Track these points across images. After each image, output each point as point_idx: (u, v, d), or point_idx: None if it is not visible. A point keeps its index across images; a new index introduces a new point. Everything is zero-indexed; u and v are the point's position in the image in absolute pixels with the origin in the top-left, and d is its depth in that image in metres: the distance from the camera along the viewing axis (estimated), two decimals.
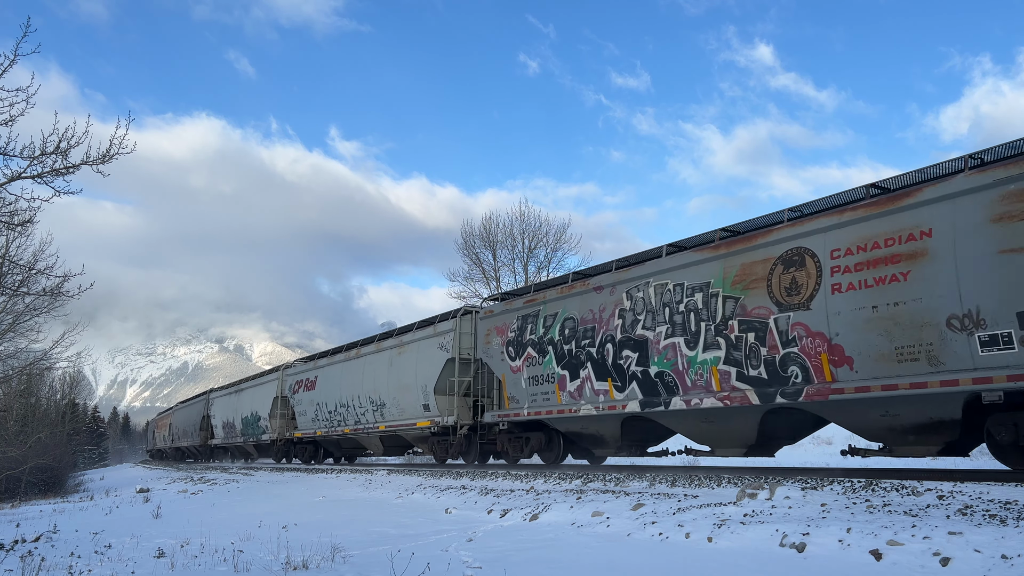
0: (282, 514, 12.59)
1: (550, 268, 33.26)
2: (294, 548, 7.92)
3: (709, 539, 7.05)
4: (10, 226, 10.84)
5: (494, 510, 10.47)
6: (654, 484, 10.91)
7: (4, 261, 12.99)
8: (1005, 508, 6.61)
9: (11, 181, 8.62)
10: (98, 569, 7.70)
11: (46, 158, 8.42)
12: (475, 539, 8.32)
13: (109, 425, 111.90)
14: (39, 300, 15.74)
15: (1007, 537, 5.60)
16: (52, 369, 31.25)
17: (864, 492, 8.11)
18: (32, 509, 20.29)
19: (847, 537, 6.24)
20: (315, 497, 15.51)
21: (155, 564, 7.80)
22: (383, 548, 7.88)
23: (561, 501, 10.10)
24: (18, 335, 20.51)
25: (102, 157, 8.69)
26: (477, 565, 6.70)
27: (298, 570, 6.90)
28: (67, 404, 45.25)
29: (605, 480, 11.99)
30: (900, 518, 6.65)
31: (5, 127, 8.17)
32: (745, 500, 8.65)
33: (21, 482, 29.21)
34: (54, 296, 13.05)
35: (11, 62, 7.92)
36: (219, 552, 8.16)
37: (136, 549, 9.11)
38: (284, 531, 10.13)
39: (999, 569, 5.16)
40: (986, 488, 7.56)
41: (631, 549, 7.16)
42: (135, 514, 15.84)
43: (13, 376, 23.93)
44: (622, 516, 8.63)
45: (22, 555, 8.57)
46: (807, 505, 7.95)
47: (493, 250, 33.91)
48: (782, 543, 6.51)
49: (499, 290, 32.66)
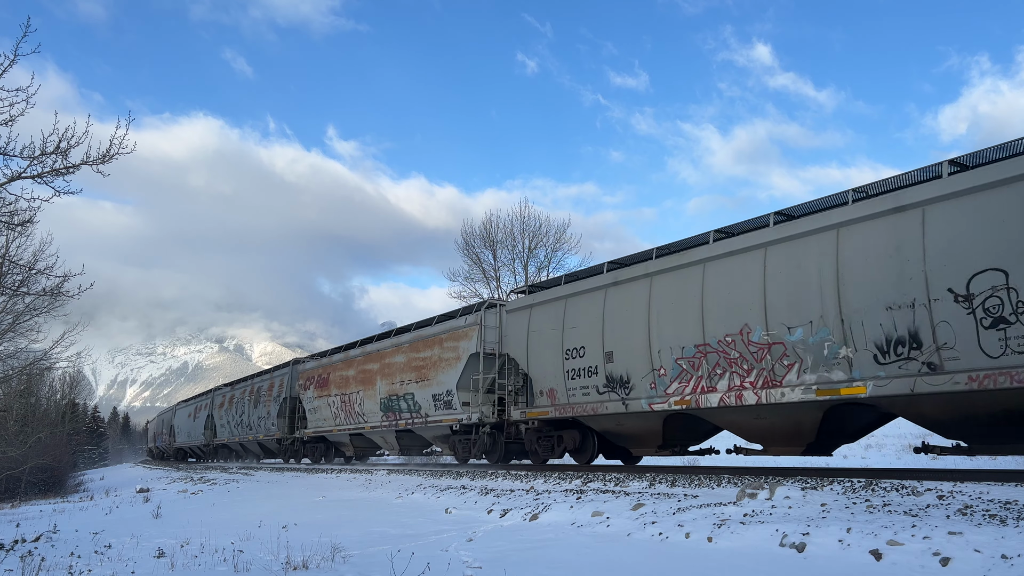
0: (282, 514, 12.59)
1: (550, 268, 33.29)
2: (294, 548, 7.92)
3: (709, 539, 7.05)
4: (10, 226, 10.83)
5: (494, 510, 10.47)
6: (654, 484, 10.91)
7: (4, 261, 12.98)
8: (1005, 508, 6.61)
9: (11, 181, 8.61)
10: (98, 569, 7.70)
11: (46, 158, 8.41)
12: (475, 539, 8.32)
13: (109, 425, 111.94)
14: (39, 300, 15.73)
15: (1007, 537, 5.60)
16: (52, 369, 31.22)
17: (864, 492, 8.11)
18: (32, 509, 20.31)
19: (847, 537, 6.24)
20: (315, 497, 15.51)
21: (155, 564, 7.80)
22: (383, 548, 7.88)
23: (561, 501, 10.10)
24: (18, 335, 20.48)
25: (102, 157, 8.68)
26: (477, 565, 6.70)
27: (298, 570, 6.91)
28: (67, 404, 45.18)
29: (605, 480, 11.99)
30: (900, 518, 6.65)
31: (5, 127, 8.16)
32: (745, 500, 8.65)
33: (21, 482, 29.23)
34: (54, 296, 13.03)
35: (11, 62, 7.92)
36: (219, 552, 8.16)
37: (136, 549, 9.11)
38: (284, 531, 10.13)
39: (999, 569, 5.16)
40: (986, 488, 7.56)
41: (631, 549, 7.16)
42: (135, 514, 15.84)
43: (13, 376, 23.91)
44: (622, 516, 8.63)
45: (22, 555, 8.57)
46: (807, 505, 7.95)
47: (493, 250, 33.94)
48: (782, 543, 6.51)
49: (499, 290, 32.63)
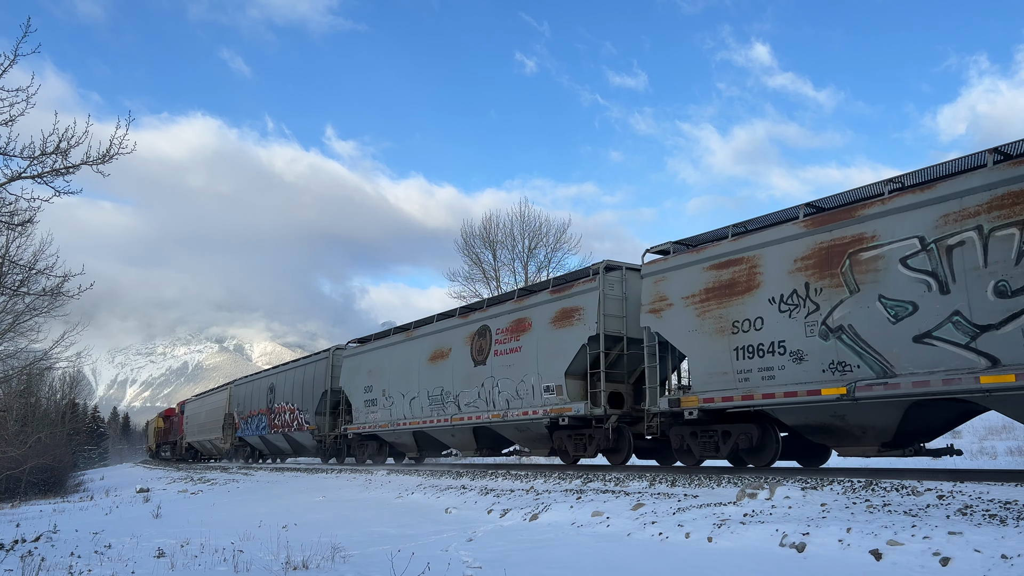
0: (282, 514, 12.59)
1: (550, 268, 33.31)
2: (294, 548, 7.91)
3: (709, 539, 7.05)
4: (10, 226, 10.83)
5: (494, 510, 10.47)
6: (654, 484, 10.91)
7: (4, 261, 12.98)
8: (1005, 508, 6.61)
9: (11, 181, 8.62)
10: (98, 569, 7.70)
11: (46, 158, 8.42)
12: (475, 539, 8.32)
13: (109, 425, 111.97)
14: (39, 300, 15.74)
15: (1007, 537, 5.60)
16: (52, 369, 31.26)
17: (864, 492, 8.10)
18: (32, 509, 20.29)
19: (847, 537, 6.24)
20: (315, 497, 15.51)
21: (155, 564, 7.79)
22: (383, 548, 7.88)
23: (561, 501, 10.10)
24: (18, 335, 20.51)
25: (102, 157, 8.69)
26: (477, 565, 6.70)
27: (298, 570, 6.90)
28: (67, 404, 45.22)
29: (605, 480, 11.99)
30: (900, 518, 6.65)
31: (5, 127, 8.17)
32: (745, 500, 8.65)
33: (21, 482, 29.21)
34: (54, 296, 13.05)
35: (11, 62, 7.92)
36: (219, 552, 8.16)
37: (136, 549, 9.10)
38: (284, 531, 10.13)
39: (999, 569, 5.16)
40: (986, 488, 7.56)
41: (631, 549, 7.16)
42: (135, 514, 15.84)
43: (13, 376, 23.93)
44: (622, 516, 8.63)
45: (22, 555, 8.56)
46: (807, 505, 7.95)
47: (493, 250, 33.97)
48: (782, 543, 6.51)
49: (499, 290, 32.55)
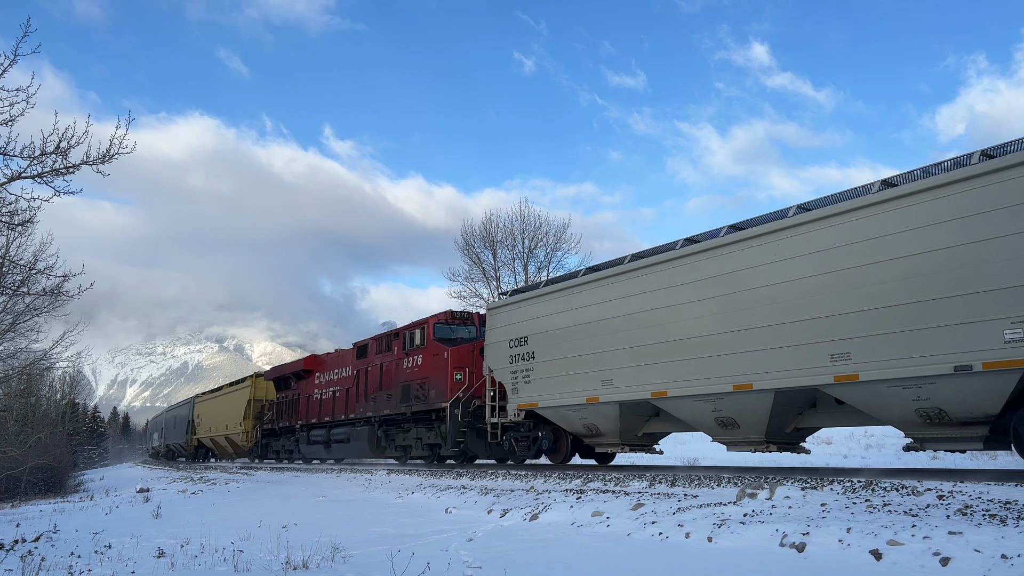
0: (282, 514, 12.59)
1: (550, 268, 33.30)
2: (294, 548, 7.91)
3: (709, 539, 7.05)
4: (10, 226, 10.82)
5: (494, 510, 10.47)
6: (654, 484, 10.91)
7: (4, 261, 12.97)
8: (1005, 508, 6.60)
9: (11, 181, 8.61)
10: (98, 569, 7.70)
11: (46, 158, 8.41)
12: (475, 539, 8.32)
13: (109, 425, 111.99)
14: (39, 300, 15.72)
15: (1007, 537, 5.60)
16: (52, 369, 31.22)
17: (864, 492, 8.10)
18: (32, 509, 20.28)
19: (847, 537, 6.24)
20: (315, 497, 15.51)
21: (155, 564, 7.79)
22: (383, 548, 7.88)
23: (561, 501, 10.10)
24: (18, 335, 20.47)
25: (102, 157, 8.68)
26: (477, 565, 6.70)
27: (298, 570, 6.90)
28: (67, 404, 45.20)
29: (605, 480, 11.99)
30: (900, 518, 6.65)
31: (5, 127, 8.16)
32: (745, 500, 8.65)
33: (21, 482, 29.22)
34: (54, 296, 13.04)
35: (11, 62, 7.92)
36: (219, 552, 8.16)
37: (136, 549, 9.10)
38: (284, 531, 10.13)
39: (999, 569, 5.16)
40: (986, 488, 7.56)
41: (631, 549, 7.16)
42: (135, 514, 15.83)
43: (13, 376, 23.91)
44: (622, 516, 8.63)
45: (22, 555, 8.57)
46: (807, 505, 7.95)
47: (493, 250, 33.94)
48: (782, 543, 6.51)
49: (499, 290, 32.59)
